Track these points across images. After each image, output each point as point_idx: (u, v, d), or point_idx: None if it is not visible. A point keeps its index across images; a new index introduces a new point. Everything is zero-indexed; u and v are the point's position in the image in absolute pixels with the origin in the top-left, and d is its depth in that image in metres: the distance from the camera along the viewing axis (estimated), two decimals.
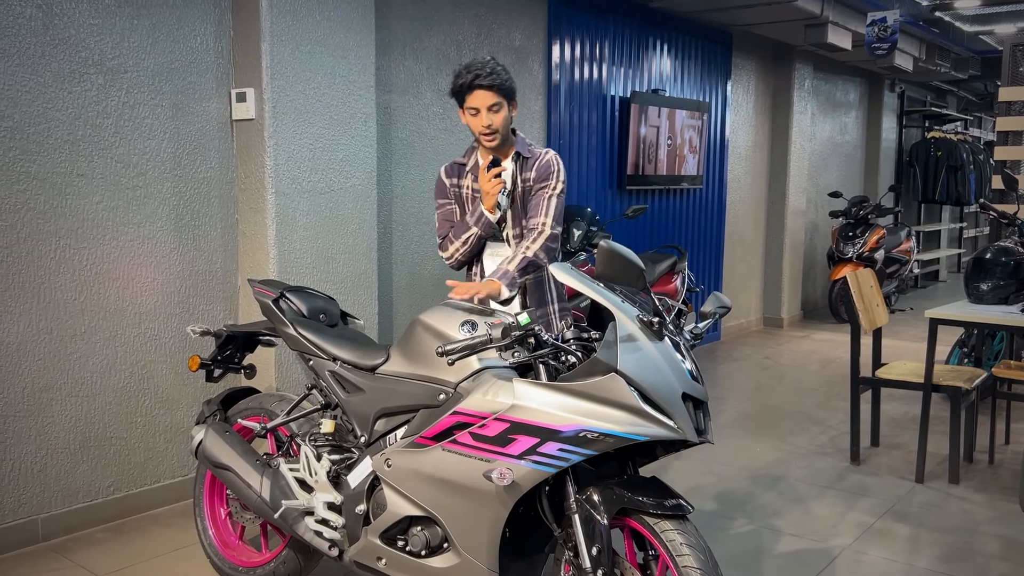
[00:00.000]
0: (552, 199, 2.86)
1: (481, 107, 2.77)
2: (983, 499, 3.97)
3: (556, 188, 2.88)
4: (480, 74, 2.74)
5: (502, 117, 2.80)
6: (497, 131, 2.80)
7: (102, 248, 3.51)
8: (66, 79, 3.35)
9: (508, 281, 2.71)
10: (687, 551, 2.02)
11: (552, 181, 2.88)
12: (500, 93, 2.77)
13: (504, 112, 2.80)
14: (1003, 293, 4.24)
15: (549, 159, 2.91)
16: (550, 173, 2.88)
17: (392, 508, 2.44)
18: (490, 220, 2.91)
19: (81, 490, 3.53)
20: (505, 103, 2.80)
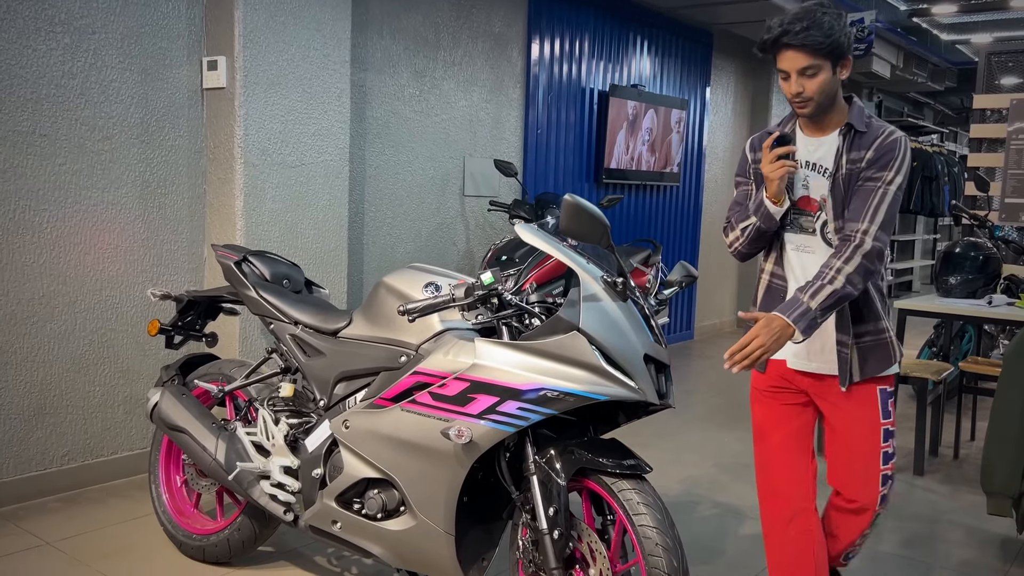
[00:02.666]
0: (885, 196, 2.16)
1: (791, 71, 2.16)
2: (947, 490, 3.98)
3: (894, 181, 2.17)
4: (790, 30, 2.11)
5: (819, 82, 2.15)
6: (811, 99, 2.18)
7: (64, 211, 3.44)
8: (31, 36, 3.29)
9: (807, 323, 2.09)
10: (644, 510, 1.99)
11: (890, 171, 2.17)
12: (818, 54, 2.12)
13: (824, 76, 2.15)
14: (971, 287, 4.26)
15: (895, 140, 2.19)
16: (892, 159, 2.17)
17: (349, 470, 2.39)
18: (771, 212, 2.30)
19: (35, 458, 3.44)
20: (827, 64, 2.14)
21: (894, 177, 2.17)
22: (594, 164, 6.36)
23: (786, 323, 2.09)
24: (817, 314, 2.11)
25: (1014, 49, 6.61)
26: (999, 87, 6.60)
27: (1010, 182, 5.80)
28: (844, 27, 2.15)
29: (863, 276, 2.14)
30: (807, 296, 2.12)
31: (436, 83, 5.01)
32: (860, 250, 2.14)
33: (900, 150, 2.19)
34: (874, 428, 2.29)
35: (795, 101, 2.20)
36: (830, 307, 2.12)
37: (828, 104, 2.21)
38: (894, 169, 2.17)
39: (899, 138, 2.20)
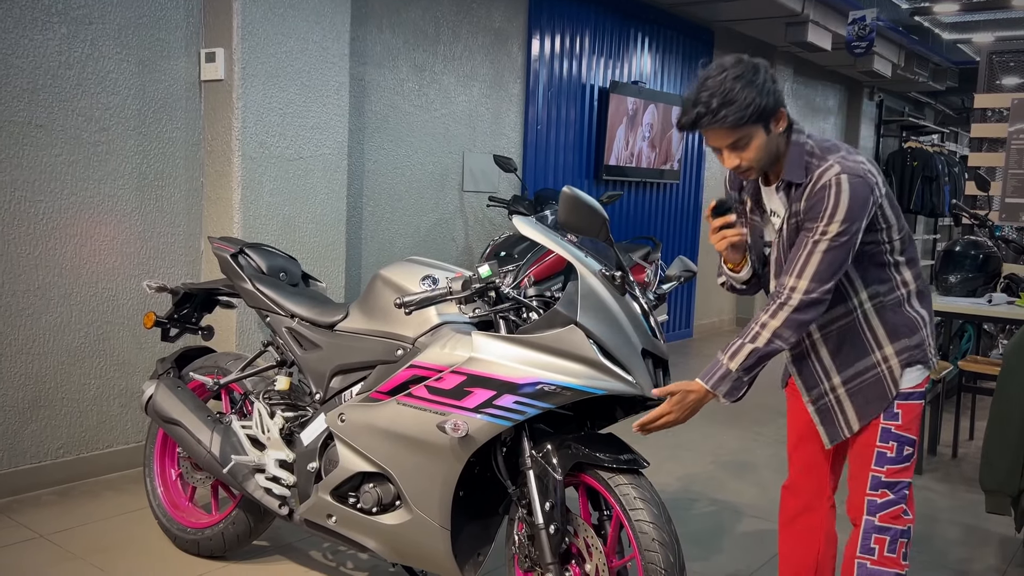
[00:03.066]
0: (815, 249, 1.97)
1: (720, 147, 2.04)
2: (945, 489, 3.97)
3: (826, 232, 1.96)
4: (704, 112, 1.96)
5: (754, 149, 2.00)
6: (751, 167, 2.04)
7: (60, 203, 3.42)
8: (28, 26, 3.26)
9: (728, 386, 2.03)
10: (641, 505, 1.98)
11: (820, 222, 1.96)
12: (739, 126, 1.96)
13: (757, 141, 1.99)
14: (971, 285, 4.25)
15: (824, 185, 1.97)
16: (822, 208, 1.96)
17: (344, 464, 2.38)
18: (736, 279, 2.28)
19: (29, 451, 3.42)
20: (756, 130, 1.98)
21: (826, 227, 1.96)
22: (594, 161, 6.34)
23: (705, 391, 2.04)
24: (740, 375, 2.02)
25: (1015, 49, 6.59)
26: (1000, 87, 6.58)
27: (1011, 182, 5.78)
28: (764, 84, 1.95)
29: (794, 330, 2.00)
30: (727, 357, 2.03)
31: (436, 78, 4.99)
32: (785, 308, 2.00)
33: (830, 198, 1.96)
34: (867, 445, 2.13)
35: (738, 172, 2.08)
36: (753, 367, 2.02)
37: (772, 161, 2.06)
38: (824, 219, 1.96)
39: (829, 183, 1.97)
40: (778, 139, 2.04)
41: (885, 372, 2.10)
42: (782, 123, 2.02)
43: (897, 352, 2.11)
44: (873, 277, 2.11)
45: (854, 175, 1.96)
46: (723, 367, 2.03)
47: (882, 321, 2.11)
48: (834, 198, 1.95)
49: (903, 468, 2.12)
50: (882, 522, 2.12)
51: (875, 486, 2.12)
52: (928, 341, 2.15)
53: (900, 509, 2.12)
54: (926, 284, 2.18)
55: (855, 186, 1.95)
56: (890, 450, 2.12)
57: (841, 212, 1.95)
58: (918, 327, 2.12)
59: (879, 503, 2.12)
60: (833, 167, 1.97)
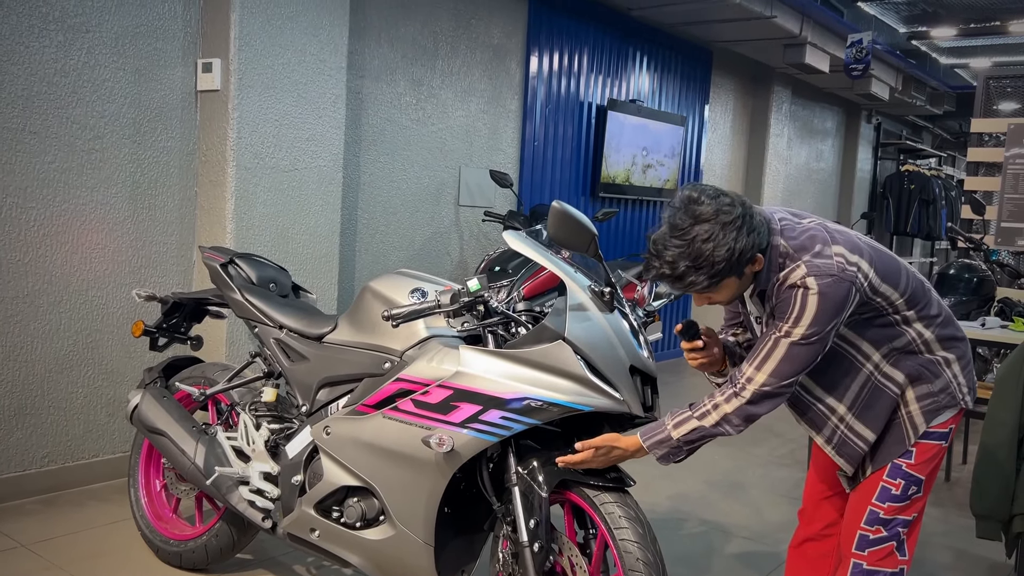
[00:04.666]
0: (777, 346, 1.92)
1: (704, 300, 2.02)
2: (938, 513, 3.94)
3: (791, 333, 1.90)
4: (667, 275, 1.92)
5: (726, 290, 1.96)
6: (727, 300, 2.02)
7: (51, 210, 3.41)
8: (24, 33, 3.26)
9: (663, 452, 2.00)
10: (626, 524, 1.95)
11: (786, 323, 1.91)
12: (709, 287, 1.91)
13: (729, 287, 1.94)
14: (965, 309, 4.24)
15: (790, 285, 1.91)
16: (786, 310, 1.91)
17: (329, 477, 2.35)
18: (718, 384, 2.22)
19: (13, 459, 3.39)
20: (729, 280, 1.92)
21: (791, 328, 1.90)
22: (590, 178, 6.34)
23: (638, 447, 2.00)
24: (679, 445, 1.99)
25: (1013, 74, 6.63)
26: (997, 112, 6.61)
27: (1007, 206, 5.79)
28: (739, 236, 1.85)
29: (743, 420, 1.95)
30: (672, 425, 1.99)
31: (433, 92, 5.00)
32: (738, 398, 1.95)
33: (796, 300, 1.89)
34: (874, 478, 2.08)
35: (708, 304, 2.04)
36: (693, 443, 1.99)
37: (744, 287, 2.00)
38: (790, 321, 1.90)
39: (795, 284, 1.89)
40: (748, 279, 1.97)
41: (904, 419, 2.03)
42: (758, 264, 1.93)
43: (918, 397, 2.03)
44: (884, 336, 2.03)
45: (825, 275, 1.87)
46: (666, 433, 2.00)
47: (901, 369, 2.03)
48: (800, 301, 1.89)
49: (903, 507, 2.06)
50: (871, 565, 2.05)
51: (871, 521, 2.06)
52: (955, 381, 2.05)
53: (891, 547, 2.06)
54: (948, 321, 2.07)
55: (825, 288, 1.87)
56: (896, 487, 2.05)
57: (808, 317, 1.88)
58: (941, 370, 2.03)
59: (871, 539, 2.06)
60: (799, 269, 1.90)
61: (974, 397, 2.10)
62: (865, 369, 2.05)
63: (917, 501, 2.07)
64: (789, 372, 1.93)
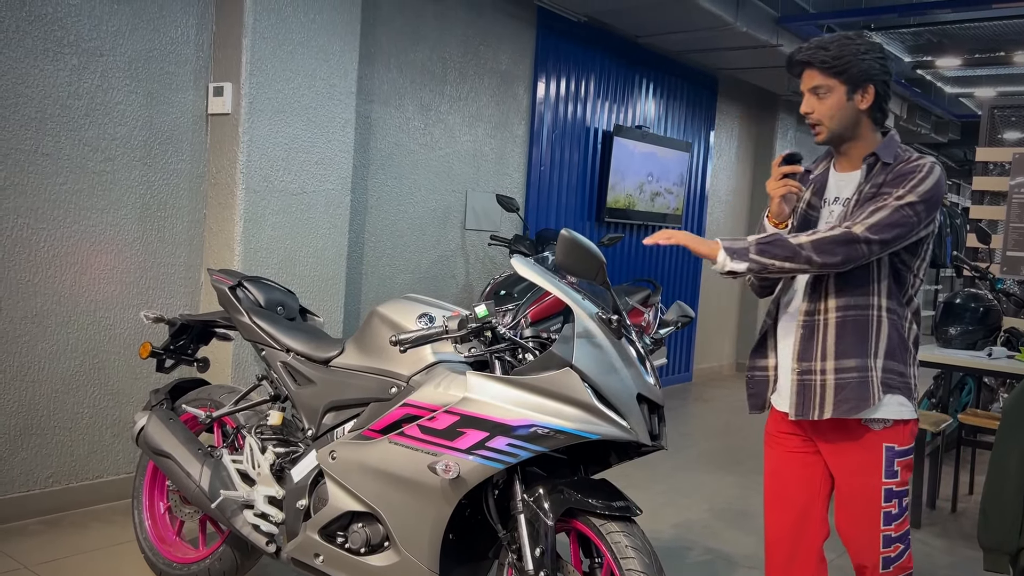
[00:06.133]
0: (887, 207, 2.01)
1: (803, 89, 2.12)
2: (943, 544, 3.91)
3: (903, 197, 2.01)
4: (800, 47, 2.09)
5: (829, 106, 2.08)
6: (821, 122, 2.10)
7: (62, 231, 3.43)
8: (39, 56, 3.31)
9: (734, 247, 2.02)
10: (632, 554, 1.94)
11: (900, 188, 2.03)
12: (828, 73, 2.06)
13: (834, 99, 2.07)
14: (971, 338, 4.23)
15: (917, 164, 2.06)
16: (906, 179, 2.04)
17: (334, 502, 2.35)
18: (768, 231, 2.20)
19: (18, 479, 3.39)
20: (839, 87, 2.06)
21: (904, 194, 2.01)
22: (596, 203, 6.37)
23: (715, 241, 2.05)
24: (748, 247, 2.02)
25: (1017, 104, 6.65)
26: (1002, 140, 6.63)
27: (1012, 235, 5.79)
28: (866, 55, 2.05)
29: (818, 250, 1.99)
30: (753, 236, 2.08)
31: (441, 117, 5.04)
32: (833, 231, 2.01)
33: (920, 172, 2.03)
34: (875, 485, 2.13)
35: (809, 125, 2.13)
36: (766, 247, 2.01)
37: (846, 133, 2.11)
38: (906, 187, 2.02)
39: (923, 164, 2.05)
40: (858, 115, 2.09)
41: (873, 379, 2.11)
42: (867, 99, 2.08)
43: (884, 368, 2.12)
44: (894, 295, 2.14)
45: (944, 177, 2.07)
46: (744, 240, 2.06)
47: (887, 336, 2.13)
48: (923, 174, 2.03)
49: (905, 519, 2.22)
50: (896, 574, 2.21)
51: (887, 543, 2.18)
52: (911, 384, 2.18)
53: (909, 555, 2.23)
54: (918, 339, 2.23)
55: (941, 180, 2.05)
56: (893, 508, 2.18)
57: (924, 187, 2.01)
58: (907, 365, 2.17)
59: (893, 556, 2.20)
60: (931, 158, 2.08)
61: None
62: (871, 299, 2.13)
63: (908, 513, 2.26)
64: (885, 230, 2.00)
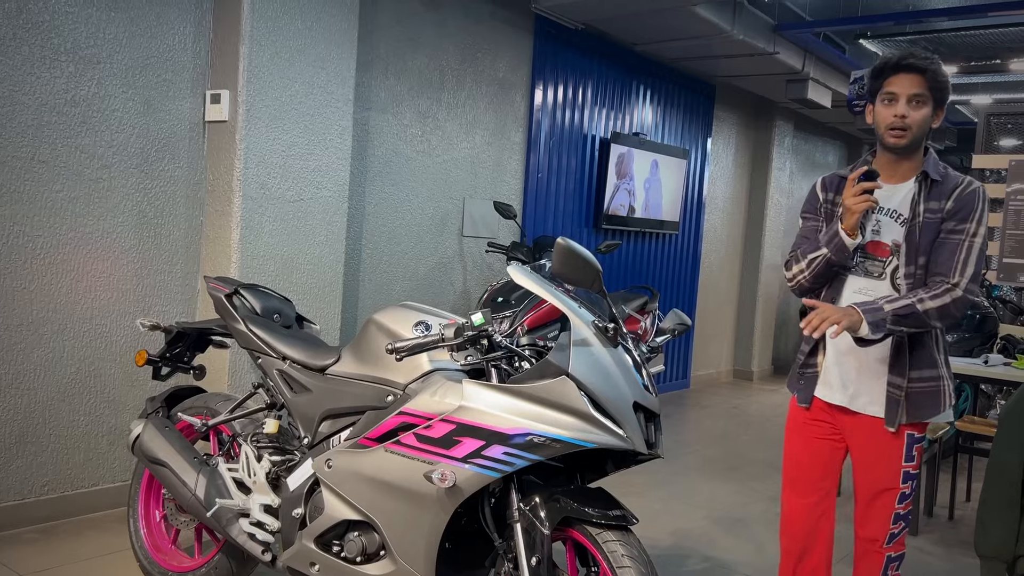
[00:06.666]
0: (972, 249, 2.22)
1: (901, 93, 2.22)
2: (941, 552, 3.91)
3: (977, 233, 2.23)
4: (912, 54, 2.23)
5: (921, 115, 2.23)
6: (910, 128, 2.23)
7: (58, 238, 3.43)
8: (36, 64, 3.31)
9: (875, 320, 2.16)
10: (628, 563, 1.94)
11: (972, 223, 2.23)
12: (930, 84, 2.22)
13: (926, 111, 2.23)
14: (968, 345, 4.24)
15: (974, 191, 2.25)
16: (972, 210, 2.23)
17: (329, 511, 2.34)
18: (845, 244, 2.29)
19: (13, 487, 3.38)
20: (931, 100, 2.24)
21: (977, 228, 2.23)
22: (593, 210, 6.38)
23: (856, 312, 2.17)
24: (887, 316, 2.17)
25: (1013, 111, 6.67)
26: (998, 148, 6.64)
27: (1008, 242, 5.80)
28: (948, 82, 2.27)
29: (941, 317, 2.20)
30: (885, 302, 2.20)
31: (439, 124, 5.04)
32: (951, 294, 2.20)
33: (979, 201, 2.23)
34: (895, 468, 2.37)
35: (893, 130, 2.23)
36: (901, 318, 2.18)
37: (917, 144, 2.28)
38: (975, 220, 2.23)
39: (977, 189, 2.25)
40: (929, 131, 2.29)
41: (944, 387, 2.34)
42: (938, 120, 2.29)
43: (948, 376, 2.37)
44: None
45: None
46: (878, 305, 2.21)
47: (943, 348, 2.38)
48: (982, 203, 2.24)
49: (911, 500, 2.44)
50: (896, 552, 2.44)
51: (896, 520, 2.42)
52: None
53: (906, 534, 2.47)
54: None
55: (987, 196, 2.26)
56: (907, 488, 2.41)
57: (984, 216, 2.24)
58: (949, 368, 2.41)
59: (895, 533, 2.43)
60: (972, 181, 2.26)
61: None
62: None
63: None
64: (979, 274, 2.23)
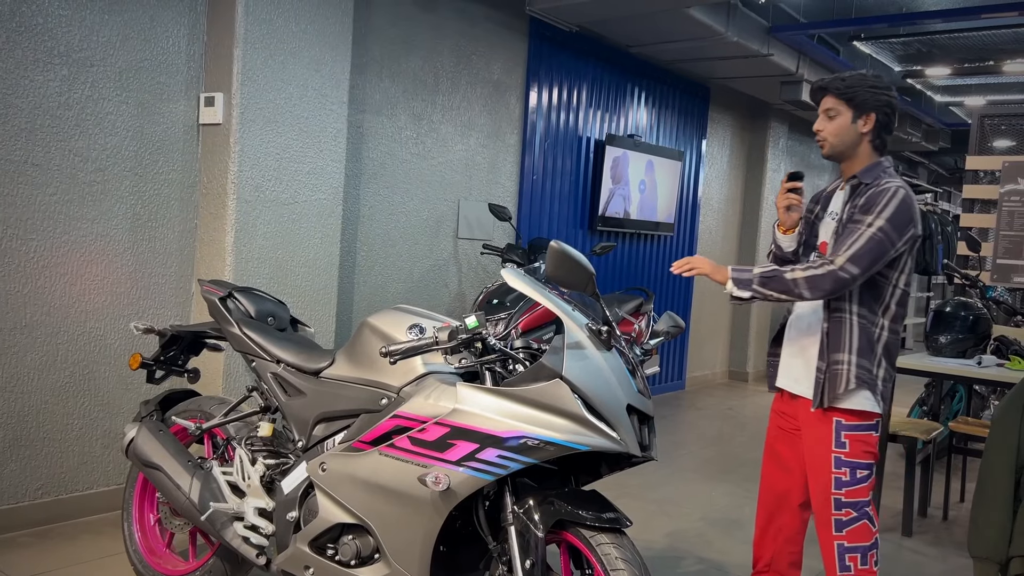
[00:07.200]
0: (863, 235, 2.39)
1: (819, 111, 2.56)
2: (935, 552, 3.92)
3: (872, 224, 2.39)
4: (823, 79, 2.54)
5: (836, 125, 2.51)
6: (826, 139, 2.53)
7: (52, 241, 3.42)
8: (29, 67, 3.30)
9: (741, 278, 2.43)
10: (622, 566, 1.94)
11: (870, 215, 2.40)
12: (838, 98, 2.49)
13: (841, 120, 2.50)
14: (961, 347, 4.25)
15: (885, 189, 2.43)
16: (875, 204, 2.41)
17: (324, 514, 2.34)
18: (775, 238, 2.67)
19: (7, 491, 3.37)
20: (847, 111, 2.48)
21: (874, 220, 2.39)
22: (588, 211, 6.38)
23: (725, 268, 2.45)
24: (754, 279, 2.43)
25: (1007, 112, 6.69)
26: (992, 149, 6.67)
27: (1002, 243, 5.82)
28: (874, 88, 2.46)
29: (810, 288, 2.39)
30: (758, 268, 2.47)
31: (434, 126, 5.05)
32: (825, 267, 2.38)
33: (886, 198, 2.40)
34: (825, 452, 2.52)
35: (817, 140, 2.55)
36: (767, 280, 2.41)
37: (845, 151, 2.52)
38: (875, 213, 2.39)
39: (888, 188, 2.41)
40: (858, 138, 2.50)
41: (845, 371, 2.47)
42: (867, 125, 2.49)
43: (857, 364, 2.47)
44: (867, 301, 2.49)
45: (909, 196, 2.42)
46: (750, 269, 2.46)
47: (857, 336, 2.49)
48: (887, 199, 2.40)
49: (860, 488, 2.50)
50: (853, 542, 2.50)
51: (838, 506, 2.51)
52: (879, 384, 2.50)
53: (864, 526, 2.50)
54: (898, 342, 2.55)
55: (905, 202, 2.40)
56: (844, 475, 2.51)
57: (888, 211, 2.38)
58: (873, 363, 2.49)
59: (842, 521, 2.50)
60: (898, 182, 2.44)
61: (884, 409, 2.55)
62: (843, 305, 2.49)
63: (870, 484, 2.52)
64: (863, 260, 2.37)
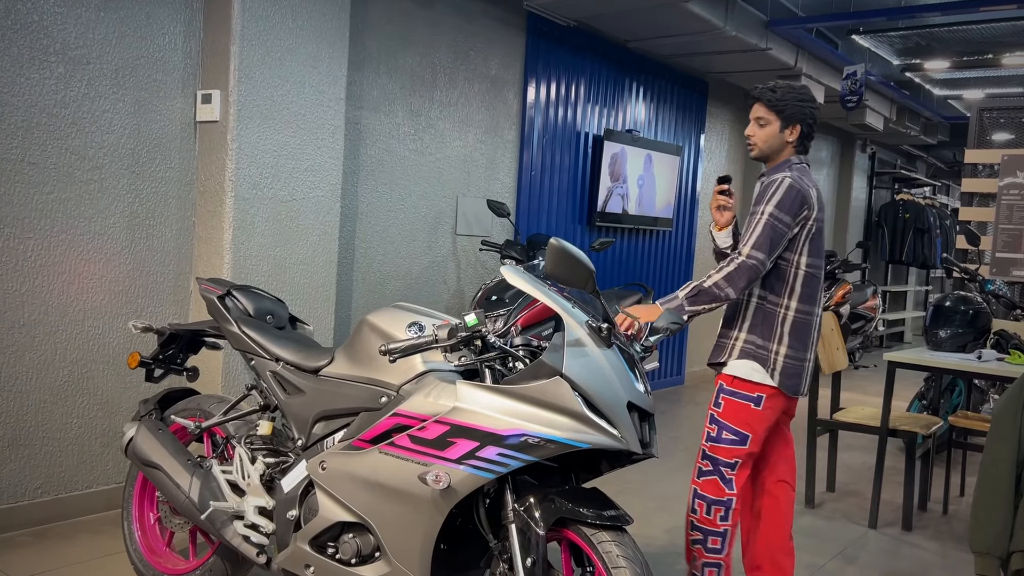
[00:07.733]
0: (757, 224, 2.65)
1: (751, 117, 2.82)
2: (935, 547, 3.92)
3: (764, 212, 2.65)
4: (757, 86, 2.81)
5: (764, 133, 2.78)
6: (755, 144, 2.81)
7: (49, 240, 3.41)
8: (25, 65, 3.29)
9: (672, 307, 2.62)
10: (623, 563, 1.94)
11: (762, 204, 2.67)
12: (768, 109, 2.76)
13: (770, 129, 2.77)
14: (961, 341, 4.24)
15: (773, 180, 2.71)
16: (765, 195, 2.68)
17: (324, 513, 2.34)
18: (715, 241, 2.89)
19: (6, 491, 3.37)
20: (775, 120, 2.76)
21: (766, 208, 2.65)
22: (587, 207, 6.37)
23: (655, 306, 2.61)
24: (684, 302, 2.64)
25: (1006, 106, 6.68)
26: (990, 142, 6.66)
27: (1001, 237, 5.82)
28: (802, 103, 2.73)
29: (730, 283, 2.61)
30: (681, 291, 2.67)
31: (432, 122, 5.03)
32: (735, 262, 2.62)
33: (774, 188, 2.66)
34: (708, 409, 2.82)
35: (748, 144, 2.83)
36: (694, 298, 2.63)
37: (772, 155, 2.80)
38: (766, 202, 2.66)
39: (777, 179, 2.68)
40: (784, 144, 2.78)
41: (730, 345, 2.78)
42: (793, 134, 2.77)
43: (744, 340, 2.76)
44: (770, 284, 2.74)
45: (796, 183, 2.67)
46: (676, 295, 2.67)
47: (751, 315, 2.76)
48: (775, 188, 2.66)
49: (722, 448, 2.73)
50: (703, 491, 2.75)
51: (702, 457, 2.78)
52: (775, 358, 2.71)
53: (715, 481, 2.73)
54: (810, 322, 2.75)
55: (791, 187, 2.65)
56: (712, 431, 2.77)
57: (776, 198, 2.64)
58: (771, 340, 2.72)
59: (702, 470, 2.77)
60: (787, 173, 2.69)
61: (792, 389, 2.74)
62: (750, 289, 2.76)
63: (735, 450, 2.72)
64: (764, 246, 2.61)
